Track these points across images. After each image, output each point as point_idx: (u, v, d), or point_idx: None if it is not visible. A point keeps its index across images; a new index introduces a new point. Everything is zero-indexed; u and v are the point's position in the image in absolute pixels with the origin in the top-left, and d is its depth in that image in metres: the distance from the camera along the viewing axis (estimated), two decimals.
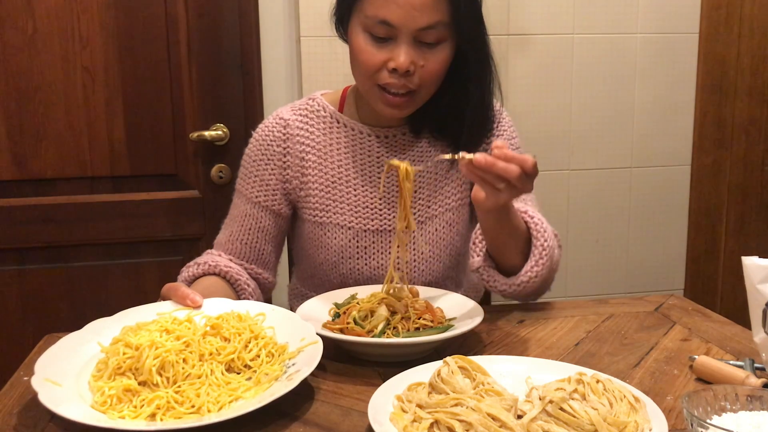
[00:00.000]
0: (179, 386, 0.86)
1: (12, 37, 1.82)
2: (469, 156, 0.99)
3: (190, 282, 1.27)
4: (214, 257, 1.31)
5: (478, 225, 1.25)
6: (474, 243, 1.24)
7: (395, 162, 1.09)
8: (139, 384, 0.86)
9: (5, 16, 1.81)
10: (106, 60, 1.87)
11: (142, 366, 0.86)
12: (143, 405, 0.83)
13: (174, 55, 1.91)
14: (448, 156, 1.04)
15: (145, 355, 0.86)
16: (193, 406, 0.83)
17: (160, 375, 0.86)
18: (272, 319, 1.02)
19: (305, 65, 1.92)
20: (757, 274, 0.90)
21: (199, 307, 1.05)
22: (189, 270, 1.28)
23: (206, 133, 1.94)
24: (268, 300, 1.39)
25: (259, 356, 0.93)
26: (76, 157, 1.90)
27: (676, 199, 2.23)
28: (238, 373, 0.91)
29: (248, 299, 1.28)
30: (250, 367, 0.92)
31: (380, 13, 1.15)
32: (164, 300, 1.09)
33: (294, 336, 0.97)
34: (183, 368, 0.87)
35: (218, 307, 1.04)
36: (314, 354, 0.91)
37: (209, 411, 0.82)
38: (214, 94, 1.96)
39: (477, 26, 1.23)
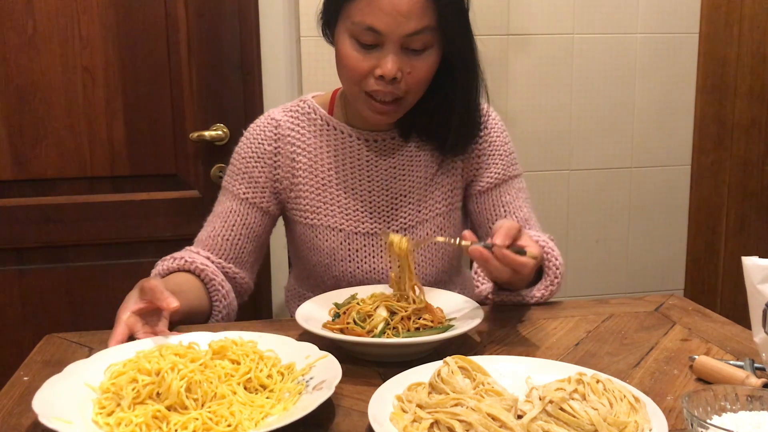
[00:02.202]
0: (209, 407, 0.82)
1: (12, 37, 1.82)
2: (465, 244, 1.01)
3: (164, 276, 1.26)
4: (192, 254, 1.29)
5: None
6: (476, 272, 1.26)
7: (392, 237, 1.10)
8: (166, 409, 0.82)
9: (5, 16, 1.81)
10: (106, 60, 1.87)
11: (167, 389, 0.81)
12: (176, 429, 0.78)
13: (174, 55, 1.91)
14: (447, 240, 1.11)
15: (170, 378, 0.82)
16: (229, 426, 0.79)
17: (187, 397, 0.82)
18: (266, 344, 0.98)
19: (305, 65, 1.92)
20: (757, 274, 0.90)
21: (176, 308, 1.02)
22: (164, 263, 1.27)
23: (206, 133, 1.94)
24: (246, 303, 1.38)
25: (271, 376, 0.91)
26: (76, 157, 1.90)
27: (676, 199, 2.23)
28: (255, 393, 0.88)
29: (220, 302, 1.26)
30: (265, 387, 0.89)
31: (367, 19, 1.14)
32: (138, 295, 1.05)
33: (296, 355, 0.95)
34: (209, 388, 0.84)
35: (204, 336, 1.00)
36: (330, 365, 0.89)
37: (247, 429, 0.79)
38: (214, 94, 1.96)
39: (464, 32, 1.23)
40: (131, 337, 1.03)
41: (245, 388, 0.88)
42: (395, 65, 1.16)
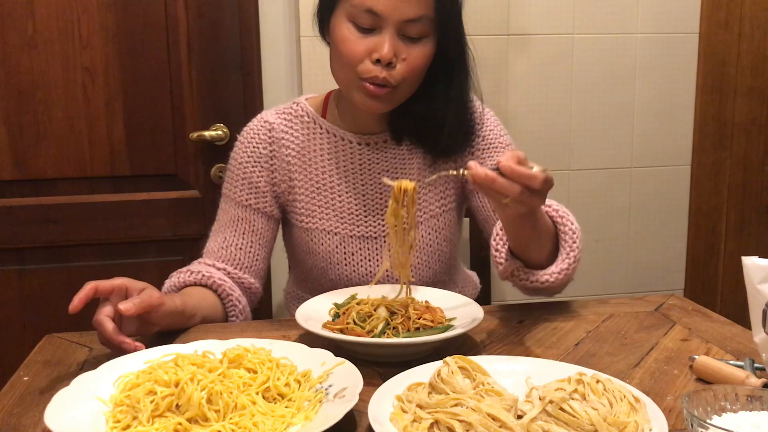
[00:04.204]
0: (231, 418, 0.80)
1: (12, 37, 1.82)
2: (469, 172, 0.96)
3: (179, 289, 1.24)
4: (207, 267, 1.28)
5: (494, 233, 1.21)
6: (497, 250, 1.19)
7: (398, 182, 1.06)
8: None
9: (5, 16, 1.81)
10: (106, 60, 1.87)
11: (188, 401, 0.79)
12: None
13: (174, 55, 1.91)
14: (453, 172, 1.02)
15: (190, 389, 0.80)
16: None
17: (208, 408, 0.80)
18: (279, 351, 0.96)
19: (305, 65, 1.92)
20: (757, 274, 0.90)
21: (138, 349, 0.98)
22: (180, 276, 1.25)
23: (206, 133, 1.94)
24: (256, 309, 1.37)
25: (288, 384, 0.88)
26: (76, 157, 1.90)
27: (676, 199, 2.23)
28: (273, 403, 0.86)
29: (237, 317, 1.26)
30: (283, 396, 0.87)
31: (367, 1, 1.15)
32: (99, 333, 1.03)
33: (311, 362, 0.93)
34: (229, 398, 0.81)
35: (216, 344, 0.98)
36: (348, 372, 0.88)
37: None
38: (214, 94, 1.96)
39: (458, 26, 1.24)
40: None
41: (263, 398, 0.86)
42: (392, 49, 1.16)
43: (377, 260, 1.33)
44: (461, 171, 0.98)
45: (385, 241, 1.33)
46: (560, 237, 1.17)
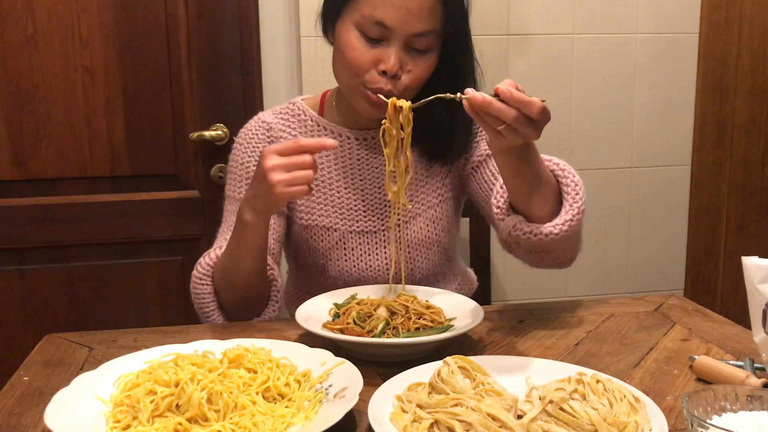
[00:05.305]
0: (231, 418, 0.80)
1: (12, 37, 1.82)
2: (467, 95, 0.95)
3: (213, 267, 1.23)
4: None
5: (494, 192, 1.18)
6: (498, 207, 1.15)
7: (382, 97, 1.09)
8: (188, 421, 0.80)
9: (5, 16, 1.81)
10: (106, 60, 1.87)
11: (188, 401, 0.79)
12: None
13: (174, 55, 1.91)
14: (450, 95, 0.99)
15: (190, 389, 0.80)
16: None
17: (208, 408, 0.80)
18: (279, 351, 0.96)
19: (305, 65, 1.92)
20: (757, 274, 0.90)
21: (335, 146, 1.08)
22: (216, 251, 1.23)
23: (206, 133, 1.94)
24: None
25: (288, 384, 0.88)
26: (76, 157, 1.90)
27: (676, 199, 2.23)
28: (273, 403, 0.86)
29: (276, 295, 1.25)
30: (283, 396, 0.87)
31: (377, 13, 1.15)
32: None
33: (311, 362, 0.93)
34: (229, 398, 0.81)
35: (216, 344, 0.98)
36: (348, 372, 0.88)
37: None
38: (214, 94, 1.96)
39: (465, 38, 1.24)
40: None
41: (263, 398, 0.86)
42: (398, 61, 1.17)
43: (376, 255, 1.33)
44: (458, 95, 0.97)
45: (384, 237, 1.33)
46: (563, 190, 1.14)
